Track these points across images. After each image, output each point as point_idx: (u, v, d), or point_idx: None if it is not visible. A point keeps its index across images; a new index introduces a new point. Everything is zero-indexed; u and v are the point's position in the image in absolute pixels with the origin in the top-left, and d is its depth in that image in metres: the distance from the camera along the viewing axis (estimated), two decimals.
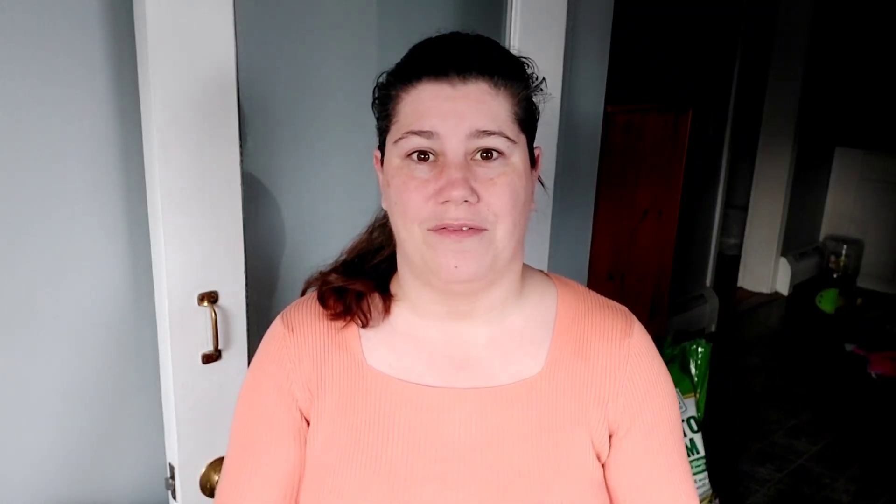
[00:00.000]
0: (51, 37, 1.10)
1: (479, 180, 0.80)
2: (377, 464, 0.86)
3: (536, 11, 1.65)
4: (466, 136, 0.79)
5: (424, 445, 0.86)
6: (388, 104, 0.84)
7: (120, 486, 1.32)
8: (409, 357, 0.90)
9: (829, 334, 4.22)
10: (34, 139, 1.12)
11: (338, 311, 0.91)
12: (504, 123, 0.81)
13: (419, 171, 0.81)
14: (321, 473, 0.88)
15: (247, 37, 1.26)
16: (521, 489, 0.84)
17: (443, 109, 0.79)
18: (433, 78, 0.80)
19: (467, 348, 0.89)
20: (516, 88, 0.83)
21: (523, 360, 0.89)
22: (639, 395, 0.89)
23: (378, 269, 0.95)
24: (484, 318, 0.89)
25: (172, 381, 1.24)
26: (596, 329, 0.91)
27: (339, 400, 0.89)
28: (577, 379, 0.88)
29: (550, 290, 0.94)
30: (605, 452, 0.89)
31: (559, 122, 1.81)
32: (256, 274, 1.41)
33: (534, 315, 0.91)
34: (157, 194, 1.17)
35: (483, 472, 0.85)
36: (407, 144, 0.81)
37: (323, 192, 1.56)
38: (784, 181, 4.57)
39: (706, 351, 2.91)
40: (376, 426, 0.87)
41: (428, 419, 0.87)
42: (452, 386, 0.88)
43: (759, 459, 3.01)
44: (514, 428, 0.86)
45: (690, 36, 3.52)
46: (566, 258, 2.02)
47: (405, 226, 0.83)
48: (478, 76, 0.80)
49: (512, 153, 0.82)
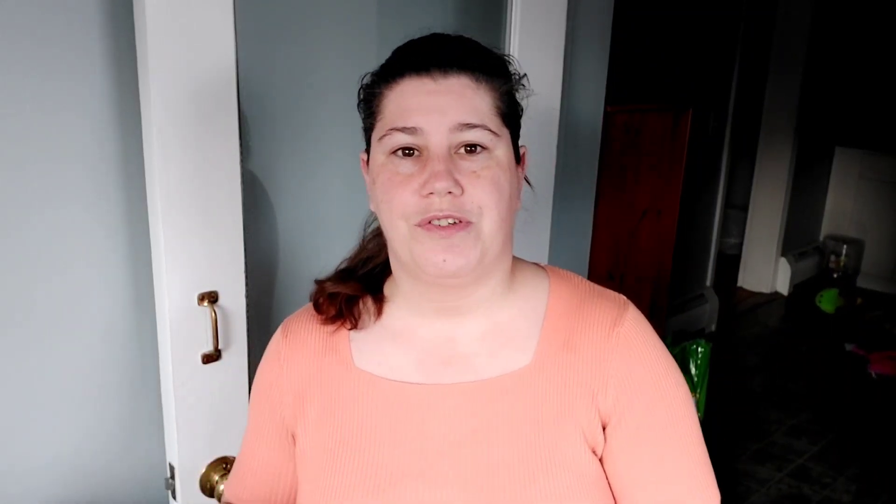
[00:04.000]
0: (50, 36, 1.10)
1: (462, 173, 0.80)
2: (363, 464, 0.87)
3: (536, 11, 1.65)
4: (449, 130, 0.80)
5: (409, 443, 0.86)
6: (372, 102, 0.86)
7: (120, 486, 1.32)
8: (398, 357, 0.90)
9: (829, 334, 4.22)
10: (33, 139, 1.12)
11: (330, 315, 0.93)
12: (486, 116, 0.82)
13: (403, 167, 0.82)
14: (311, 475, 0.90)
15: (247, 36, 1.26)
16: (505, 483, 0.84)
17: (425, 104, 0.80)
18: (415, 74, 0.82)
19: (455, 345, 0.89)
20: (497, 83, 0.84)
21: (511, 353, 0.89)
22: (630, 385, 0.86)
23: (371, 273, 0.96)
24: (473, 314, 0.89)
25: (172, 381, 1.24)
26: (586, 320, 0.89)
27: (328, 403, 0.91)
28: (565, 371, 0.87)
29: (543, 282, 0.94)
30: (599, 445, 0.87)
31: (559, 122, 1.81)
32: (256, 274, 1.41)
33: (524, 309, 0.91)
34: (157, 194, 1.17)
35: (466, 466, 0.85)
36: (391, 141, 0.82)
37: (323, 192, 1.55)
38: (784, 181, 4.57)
39: (706, 351, 2.92)
40: (363, 427, 0.88)
41: (413, 417, 0.87)
42: (438, 382, 0.88)
43: (759, 459, 3.00)
44: (500, 421, 0.86)
45: (690, 36, 3.52)
46: (566, 258, 2.02)
47: (391, 222, 0.83)
48: (459, 70, 0.82)
49: (496, 146, 0.83)
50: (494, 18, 1.67)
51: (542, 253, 1.84)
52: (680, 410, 0.89)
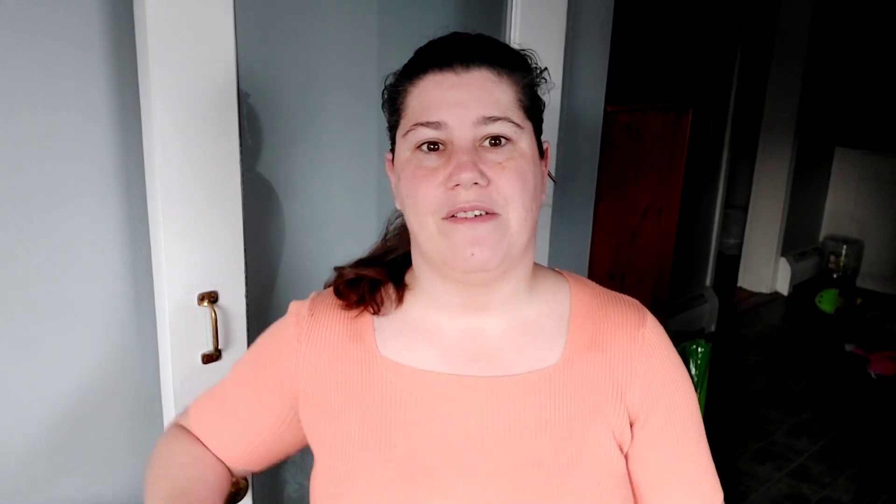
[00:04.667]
0: (51, 34, 1.10)
1: (487, 164, 0.81)
2: (392, 453, 0.86)
3: (537, 11, 1.65)
4: (473, 124, 0.81)
5: (441, 434, 0.86)
6: (396, 99, 0.87)
7: (120, 486, 1.32)
8: (422, 348, 0.90)
9: (829, 334, 4.23)
10: (33, 137, 1.12)
11: (352, 300, 0.93)
12: (509, 109, 0.83)
13: (428, 161, 0.82)
14: (335, 464, 0.89)
15: (247, 36, 1.26)
16: (538, 479, 0.84)
17: (448, 99, 0.81)
18: (437, 69, 0.83)
19: (482, 340, 0.90)
20: (519, 76, 0.85)
21: (539, 351, 0.90)
22: (655, 385, 0.90)
23: (393, 262, 0.96)
24: (499, 311, 0.90)
25: (172, 381, 1.24)
26: (610, 321, 0.92)
27: (351, 390, 0.90)
28: (594, 370, 0.89)
29: (563, 285, 0.96)
30: (626, 442, 0.89)
31: (559, 121, 1.81)
32: (256, 274, 1.41)
33: (547, 309, 0.92)
34: (157, 193, 1.16)
35: (500, 461, 0.85)
36: (415, 136, 0.83)
37: (323, 191, 1.55)
38: (784, 181, 4.57)
39: (706, 351, 2.92)
40: (390, 415, 0.88)
41: (442, 408, 0.87)
42: (468, 374, 0.88)
43: (759, 459, 3.01)
44: (531, 418, 0.86)
45: (690, 36, 3.52)
46: (566, 257, 2.02)
47: (418, 218, 0.84)
48: (480, 64, 0.83)
49: (519, 138, 0.83)
50: (495, 18, 1.67)
51: (542, 253, 1.83)
52: (695, 412, 0.94)
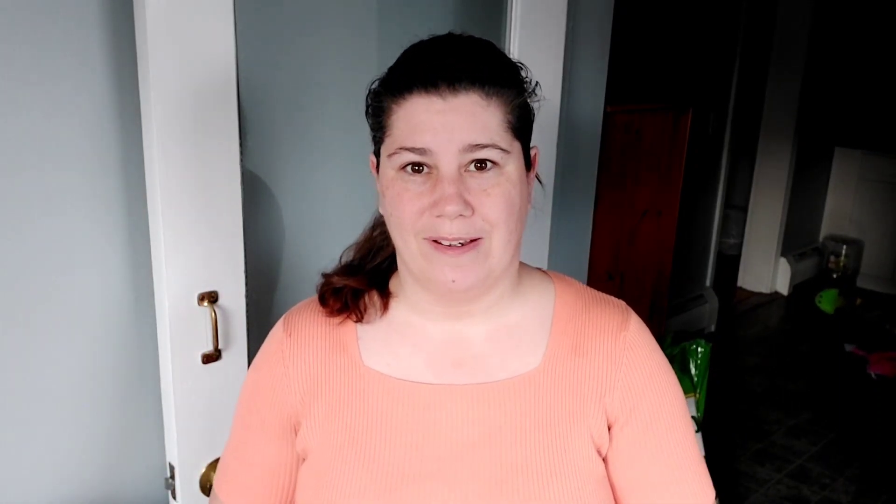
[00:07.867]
0: (50, 35, 1.10)
1: (472, 192, 0.80)
2: (374, 463, 0.86)
3: (536, 11, 1.65)
4: (459, 151, 0.80)
5: (422, 443, 0.86)
6: (380, 116, 0.84)
7: (120, 486, 1.32)
8: (406, 355, 0.90)
9: (828, 334, 4.23)
10: (33, 139, 1.12)
11: (335, 308, 0.93)
12: (496, 134, 0.81)
13: (413, 184, 0.82)
14: (318, 473, 0.89)
15: (247, 36, 1.26)
16: (519, 485, 0.84)
17: (434, 125, 0.79)
18: (423, 91, 0.80)
19: (465, 346, 0.90)
20: (509, 96, 0.82)
21: (521, 356, 0.90)
22: (636, 389, 0.89)
23: (379, 268, 0.96)
24: (482, 317, 0.90)
25: (172, 381, 1.24)
26: (593, 324, 0.91)
27: (336, 401, 0.90)
28: (574, 374, 0.89)
29: (549, 287, 0.95)
30: (604, 446, 0.89)
31: (559, 122, 1.81)
32: (256, 274, 1.41)
33: (532, 312, 0.92)
34: (157, 194, 1.16)
35: (481, 468, 0.85)
36: (400, 159, 0.82)
37: (323, 191, 1.56)
38: (784, 181, 4.57)
39: (706, 351, 2.91)
40: (373, 425, 0.88)
41: (425, 417, 0.87)
42: (450, 382, 0.88)
43: (758, 459, 3.01)
44: (512, 423, 0.86)
45: (690, 36, 3.52)
46: (566, 258, 2.02)
47: (401, 236, 0.84)
48: (468, 87, 0.80)
49: (506, 163, 0.82)
50: (494, 18, 1.67)
51: (542, 253, 1.84)
52: (680, 413, 0.92)
